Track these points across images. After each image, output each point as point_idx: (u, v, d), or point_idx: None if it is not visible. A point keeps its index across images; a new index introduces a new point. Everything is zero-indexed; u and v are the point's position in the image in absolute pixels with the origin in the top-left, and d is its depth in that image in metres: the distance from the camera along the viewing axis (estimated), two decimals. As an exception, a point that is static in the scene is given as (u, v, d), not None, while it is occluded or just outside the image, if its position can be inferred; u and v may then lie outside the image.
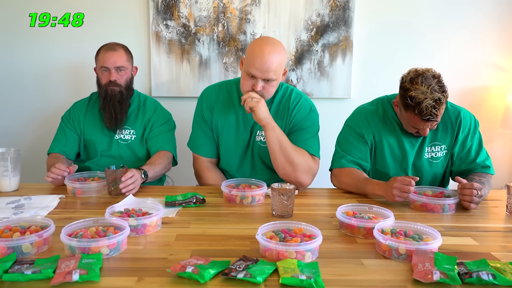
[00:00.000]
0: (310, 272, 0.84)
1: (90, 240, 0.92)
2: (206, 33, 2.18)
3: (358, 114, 1.57)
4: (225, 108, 1.58)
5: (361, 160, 1.50)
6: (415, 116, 1.33)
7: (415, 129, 1.40)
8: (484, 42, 2.23)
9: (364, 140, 1.51)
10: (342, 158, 1.50)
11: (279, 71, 1.42)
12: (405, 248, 0.92)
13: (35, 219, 1.07)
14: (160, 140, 1.71)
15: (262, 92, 1.43)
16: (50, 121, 2.17)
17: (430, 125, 1.36)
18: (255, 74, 1.39)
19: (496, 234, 1.12)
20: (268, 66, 1.37)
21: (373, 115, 1.52)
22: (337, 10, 2.17)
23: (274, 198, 1.21)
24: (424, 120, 1.32)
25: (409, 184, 1.26)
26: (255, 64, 1.38)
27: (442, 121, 1.48)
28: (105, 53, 1.65)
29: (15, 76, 2.23)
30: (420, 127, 1.37)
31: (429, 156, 1.50)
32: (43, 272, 0.82)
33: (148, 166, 1.56)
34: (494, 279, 0.82)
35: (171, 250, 0.98)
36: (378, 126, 1.51)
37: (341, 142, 1.56)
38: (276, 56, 1.38)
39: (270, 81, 1.42)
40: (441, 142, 1.49)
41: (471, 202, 1.28)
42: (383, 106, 1.54)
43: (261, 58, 1.37)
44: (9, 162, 1.42)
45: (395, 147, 1.50)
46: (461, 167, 1.50)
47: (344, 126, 1.59)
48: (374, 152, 1.53)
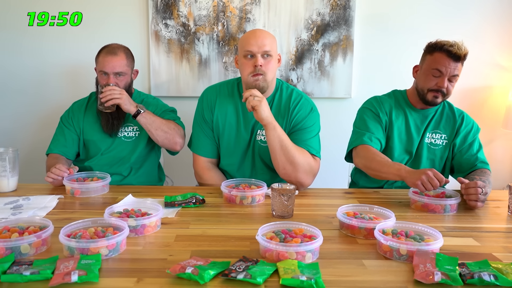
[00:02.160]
0: (310, 273, 0.83)
1: (89, 240, 0.91)
2: (206, 32, 2.17)
3: (372, 98, 1.65)
4: (226, 108, 1.58)
5: (380, 137, 1.55)
6: (441, 54, 1.43)
7: (435, 79, 1.46)
8: (486, 41, 2.23)
9: (379, 119, 1.57)
10: (363, 136, 1.54)
11: (274, 47, 1.48)
12: (406, 249, 0.92)
13: (34, 219, 1.06)
14: (172, 117, 1.71)
15: (263, 69, 1.45)
16: (49, 121, 2.17)
17: (455, 67, 1.43)
18: (253, 49, 1.44)
19: (497, 235, 1.12)
20: (262, 39, 1.44)
21: (386, 99, 1.62)
22: (337, 9, 2.16)
23: (274, 199, 1.20)
24: (450, 56, 1.41)
25: (441, 180, 1.25)
26: (250, 41, 1.45)
27: (446, 113, 1.58)
28: (105, 57, 1.63)
29: (13, 75, 2.22)
30: (444, 68, 1.43)
31: (429, 142, 1.56)
32: (42, 273, 0.82)
33: (149, 113, 1.62)
34: (496, 280, 0.81)
35: (171, 251, 0.97)
36: (391, 108, 1.59)
37: (358, 123, 1.61)
38: (267, 34, 1.48)
39: (268, 58, 1.46)
40: (442, 131, 1.56)
41: (477, 201, 1.27)
42: (395, 95, 1.63)
43: (254, 35, 1.46)
44: (8, 162, 1.41)
45: (402, 129, 1.56)
46: (462, 159, 1.54)
47: (359, 111, 1.65)
48: (385, 132, 1.58)
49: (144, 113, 1.58)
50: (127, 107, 1.56)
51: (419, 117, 1.57)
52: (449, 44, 1.43)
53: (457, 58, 1.42)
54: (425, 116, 1.57)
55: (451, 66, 1.43)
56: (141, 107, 1.59)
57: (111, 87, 1.55)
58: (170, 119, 1.70)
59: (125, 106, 1.56)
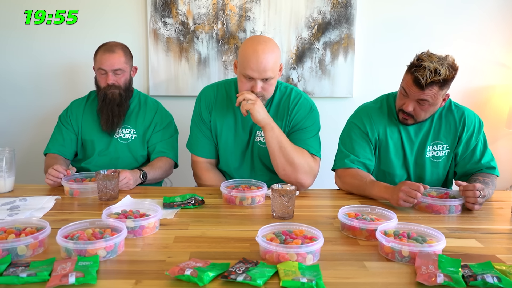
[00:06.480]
0: (311, 275, 0.83)
1: (87, 242, 0.90)
2: (205, 30, 2.16)
3: (362, 111, 1.55)
4: (224, 108, 1.56)
5: (365, 159, 1.48)
6: (409, 76, 1.35)
7: (404, 99, 1.39)
8: (489, 40, 2.21)
9: (368, 138, 1.49)
10: (345, 158, 1.48)
11: (276, 68, 1.41)
12: (408, 250, 0.91)
13: (31, 220, 1.05)
14: (163, 146, 1.71)
15: (262, 92, 1.41)
16: (46, 120, 2.16)
17: (417, 95, 1.34)
18: (253, 75, 1.38)
19: (501, 236, 1.11)
20: (264, 65, 1.36)
21: (378, 113, 1.52)
22: (338, 7, 2.15)
23: (274, 199, 1.19)
24: (414, 83, 1.33)
25: (417, 190, 1.22)
26: (251, 65, 1.36)
27: (446, 120, 1.48)
28: (103, 54, 1.62)
29: (9, 74, 2.20)
30: (409, 91, 1.35)
31: (431, 155, 1.48)
32: (39, 274, 0.81)
33: (149, 168, 1.59)
34: (499, 282, 0.81)
35: (169, 253, 0.96)
36: (383, 123, 1.50)
37: (344, 140, 1.54)
38: (270, 54, 1.37)
39: (269, 80, 1.41)
40: (443, 141, 1.47)
41: (475, 204, 1.26)
42: (388, 102, 1.53)
43: (256, 58, 1.35)
44: (4, 163, 1.40)
45: (398, 144, 1.49)
46: (466, 168, 1.48)
47: (347, 124, 1.57)
48: (378, 151, 1.51)
49: (147, 177, 1.56)
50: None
51: (414, 130, 1.47)
52: (423, 66, 1.30)
53: (420, 86, 1.31)
54: (421, 128, 1.47)
55: (415, 91, 1.34)
56: (143, 174, 1.54)
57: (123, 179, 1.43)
58: (164, 151, 1.69)
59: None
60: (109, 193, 1.33)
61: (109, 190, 1.33)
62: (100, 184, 1.32)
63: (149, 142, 1.72)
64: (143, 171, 1.53)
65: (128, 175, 1.43)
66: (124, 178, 1.41)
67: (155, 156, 1.70)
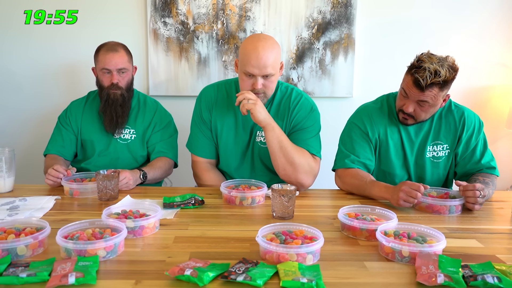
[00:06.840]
0: (311, 275, 0.82)
1: (87, 242, 0.90)
2: (205, 30, 2.16)
3: (362, 111, 1.55)
4: (224, 108, 1.56)
5: (365, 159, 1.48)
6: (409, 77, 1.34)
7: (404, 100, 1.39)
8: (489, 40, 2.21)
9: (368, 138, 1.49)
10: (346, 158, 1.48)
11: (276, 65, 1.41)
12: (408, 251, 0.91)
13: (30, 220, 1.05)
14: (162, 146, 1.71)
15: (263, 89, 1.41)
16: (45, 121, 2.15)
17: (417, 96, 1.34)
18: (253, 72, 1.38)
19: (501, 236, 1.11)
20: (264, 61, 1.36)
21: (378, 113, 1.52)
22: (339, 7, 2.15)
23: (274, 199, 1.19)
24: (414, 84, 1.33)
25: (418, 190, 1.22)
26: (251, 62, 1.37)
27: (445, 120, 1.47)
28: (106, 54, 1.62)
29: (9, 74, 2.20)
30: (409, 92, 1.35)
31: (431, 155, 1.48)
32: (39, 275, 0.81)
33: (148, 168, 1.59)
34: (500, 282, 0.80)
35: (169, 253, 0.96)
36: (383, 123, 1.50)
37: (344, 140, 1.54)
38: (270, 50, 1.37)
39: (269, 77, 1.41)
40: (443, 141, 1.47)
41: (475, 204, 1.26)
42: (388, 102, 1.53)
43: (256, 55, 1.36)
44: (4, 163, 1.40)
45: (398, 145, 1.49)
46: (466, 168, 1.48)
47: (348, 124, 1.57)
48: (378, 151, 1.51)
49: (147, 177, 1.56)
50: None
51: (414, 130, 1.48)
52: (423, 68, 1.30)
53: (420, 88, 1.31)
54: (421, 128, 1.48)
55: (415, 92, 1.34)
56: (143, 174, 1.54)
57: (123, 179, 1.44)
58: (164, 151, 1.69)
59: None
60: (109, 193, 1.33)
61: (109, 190, 1.32)
62: (100, 184, 1.32)
63: (148, 142, 1.72)
64: (143, 171, 1.53)
65: (128, 175, 1.43)
66: (124, 178, 1.41)
67: (154, 156, 1.70)
